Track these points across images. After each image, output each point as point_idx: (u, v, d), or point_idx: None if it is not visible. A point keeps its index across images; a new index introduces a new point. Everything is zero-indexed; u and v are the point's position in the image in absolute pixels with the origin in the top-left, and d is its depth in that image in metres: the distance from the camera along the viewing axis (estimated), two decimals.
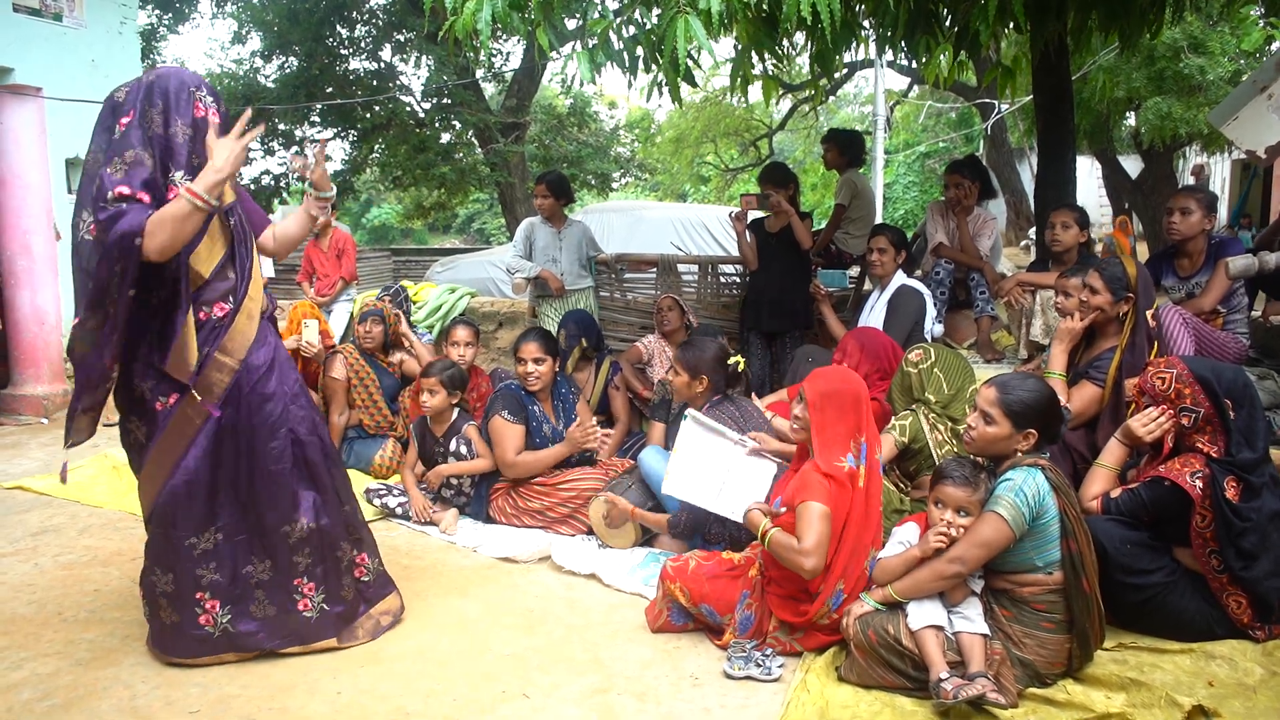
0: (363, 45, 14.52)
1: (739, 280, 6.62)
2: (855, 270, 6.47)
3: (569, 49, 4.19)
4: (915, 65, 8.41)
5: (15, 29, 6.72)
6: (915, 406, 3.99)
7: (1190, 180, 16.36)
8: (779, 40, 4.38)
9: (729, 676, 3.04)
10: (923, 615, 2.87)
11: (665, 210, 12.17)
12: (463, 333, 5.41)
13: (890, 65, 16.43)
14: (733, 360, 4.10)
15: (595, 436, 4.47)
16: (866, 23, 5.07)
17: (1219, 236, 4.78)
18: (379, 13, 14.32)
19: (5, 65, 6.68)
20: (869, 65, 16.82)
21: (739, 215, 5.78)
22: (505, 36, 13.91)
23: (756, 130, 21.01)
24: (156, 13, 14.21)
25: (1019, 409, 2.96)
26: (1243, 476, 3.04)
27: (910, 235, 6.07)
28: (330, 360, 5.56)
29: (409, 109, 14.57)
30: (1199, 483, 3.05)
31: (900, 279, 5.12)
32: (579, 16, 4.30)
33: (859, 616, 2.96)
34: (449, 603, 3.64)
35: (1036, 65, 5.71)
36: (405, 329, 5.94)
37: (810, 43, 4.63)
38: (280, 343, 3.21)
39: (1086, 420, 3.82)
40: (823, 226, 6.84)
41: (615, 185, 19.68)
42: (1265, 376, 4.40)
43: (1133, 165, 14.77)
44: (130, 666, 3.10)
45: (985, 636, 2.85)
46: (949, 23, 4.77)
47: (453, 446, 4.67)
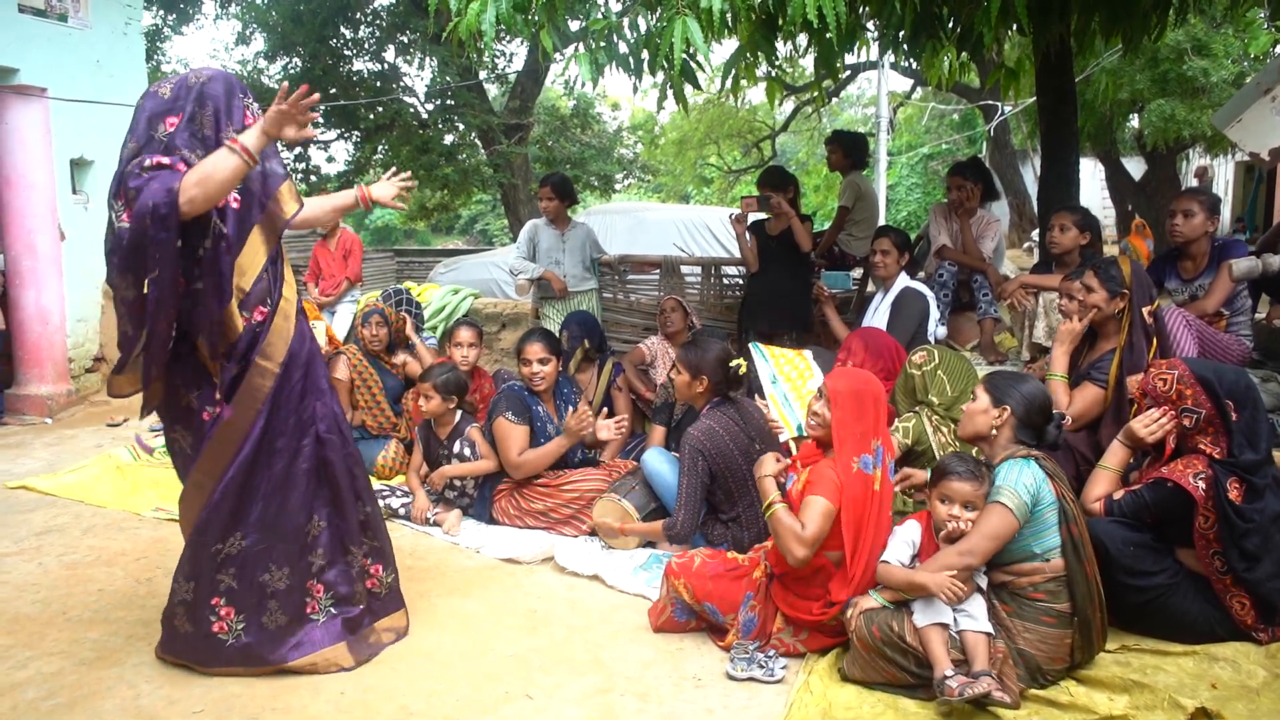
0: (366, 46, 14.54)
1: (742, 282, 6.62)
2: (859, 272, 6.48)
3: (572, 50, 4.20)
4: (918, 67, 8.41)
5: (20, 29, 6.73)
6: (918, 408, 3.99)
7: (1193, 182, 16.35)
8: (782, 42, 4.38)
9: (731, 678, 3.05)
10: (929, 613, 2.87)
11: (668, 212, 12.17)
12: (465, 334, 5.42)
13: (893, 67, 16.43)
14: (734, 363, 4.11)
15: (603, 426, 4.47)
16: (870, 25, 5.08)
17: (1222, 239, 4.78)
18: (382, 14, 14.34)
19: (10, 65, 6.70)
20: (872, 67, 16.81)
21: (739, 218, 5.79)
22: (509, 38, 13.92)
23: (759, 132, 21.00)
24: (161, 13, 14.23)
25: (998, 386, 3.17)
26: (1245, 478, 3.05)
27: (913, 237, 6.08)
28: (333, 361, 5.57)
29: (412, 110, 14.59)
30: (1202, 484, 3.05)
31: (904, 281, 5.13)
32: (582, 18, 4.31)
33: (864, 611, 2.96)
34: (452, 603, 3.64)
35: (1039, 67, 5.71)
36: (412, 332, 5.92)
37: (814, 45, 4.63)
38: (313, 334, 3.20)
39: (1089, 422, 3.82)
40: (825, 229, 6.85)
41: (618, 187, 19.70)
42: (1268, 379, 4.40)
43: (1136, 167, 14.77)
44: (134, 666, 3.11)
45: (989, 635, 2.86)
46: (952, 24, 4.77)
47: (456, 448, 4.68)
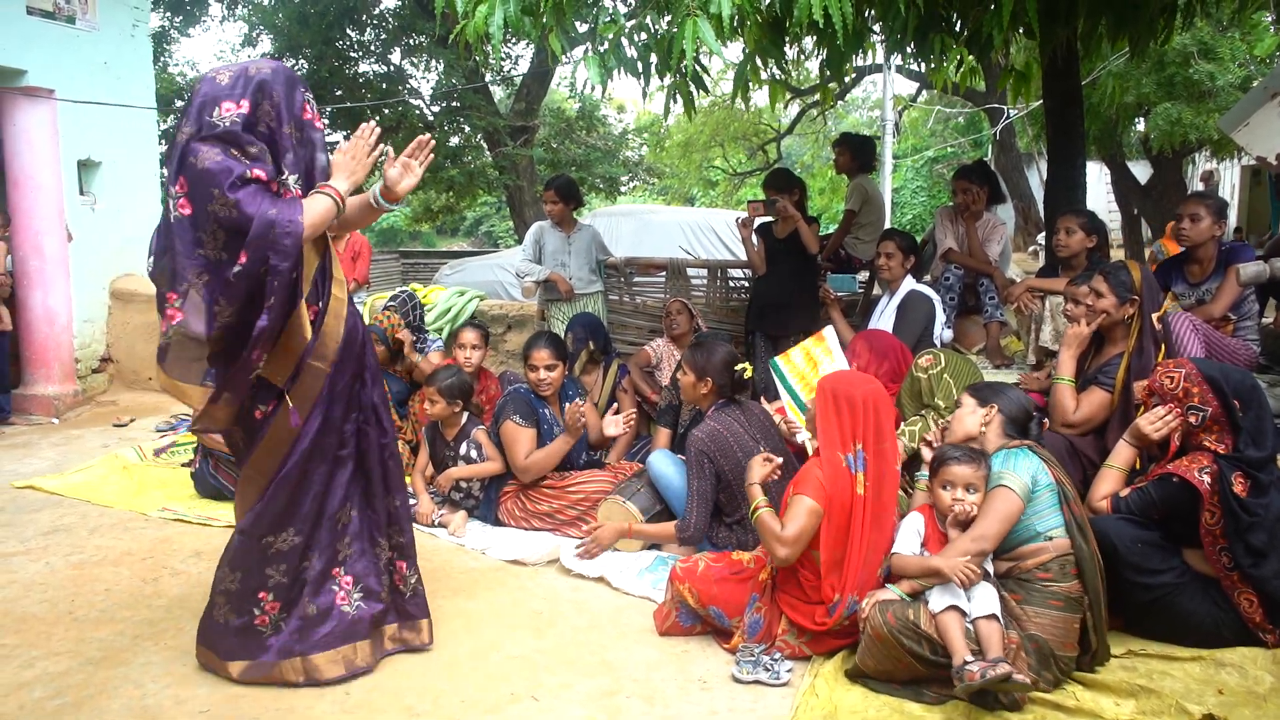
0: (372, 49, 14.57)
1: (748, 284, 6.62)
2: (865, 275, 6.47)
3: (580, 53, 4.20)
4: (924, 70, 8.41)
5: (28, 31, 6.75)
6: (925, 412, 3.99)
7: (1199, 186, 16.32)
8: (789, 44, 4.38)
9: (737, 680, 3.05)
10: (945, 598, 2.87)
11: (673, 214, 12.18)
12: (470, 336, 5.42)
13: (899, 70, 16.44)
14: (740, 367, 4.10)
15: (584, 414, 4.41)
16: (876, 27, 5.07)
17: (1229, 243, 4.77)
18: (389, 16, 14.37)
19: (18, 67, 6.72)
20: (877, 70, 16.81)
21: (745, 221, 5.79)
22: (515, 40, 13.94)
23: (765, 134, 21.01)
24: (168, 15, 14.28)
25: (980, 389, 3.35)
26: (1250, 473, 3.08)
27: (919, 240, 6.07)
28: None
29: (418, 112, 14.61)
30: (1207, 478, 3.08)
31: (910, 284, 5.12)
32: (590, 21, 4.31)
33: (877, 603, 2.95)
34: (457, 604, 3.64)
35: (1046, 70, 5.70)
36: (411, 352, 5.76)
37: (820, 47, 4.63)
38: (361, 320, 3.16)
39: (1095, 426, 3.82)
40: (831, 231, 6.84)
41: (623, 189, 19.70)
42: (1276, 383, 4.40)
43: (1142, 171, 14.75)
44: (141, 666, 3.11)
45: (999, 622, 2.85)
46: (959, 27, 4.77)
47: (462, 450, 4.68)
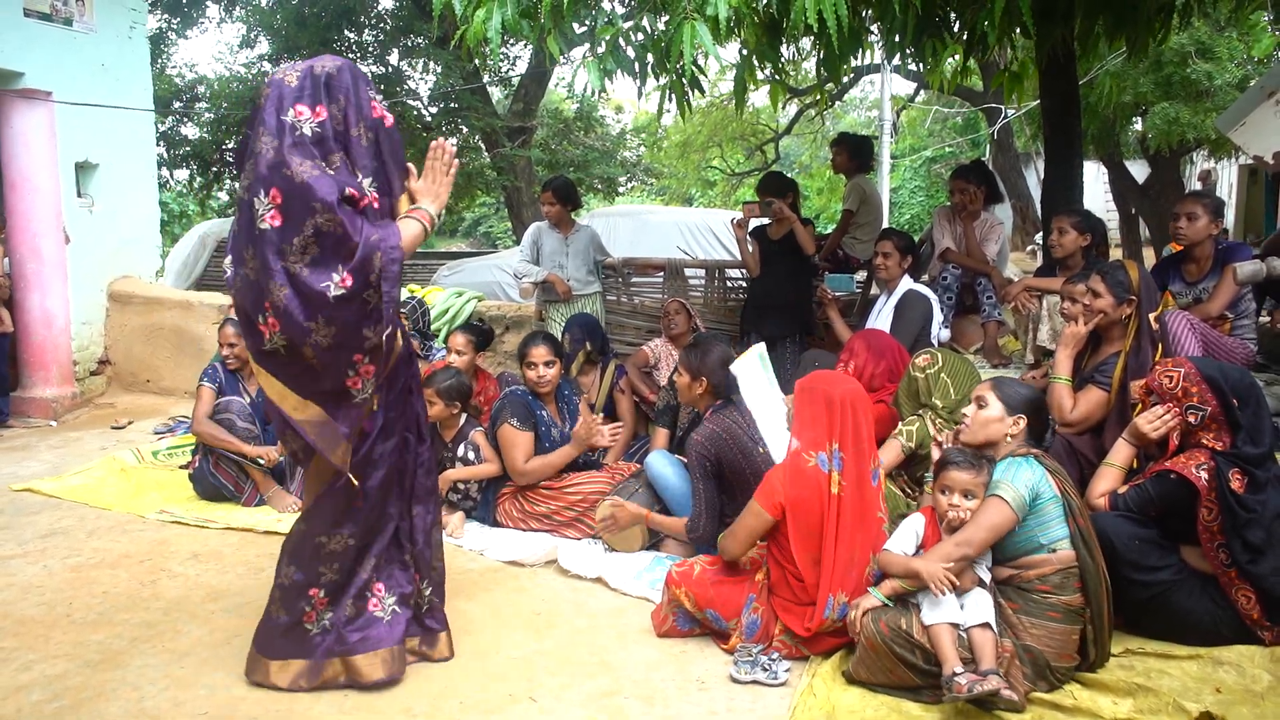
0: (370, 50, 14.55)
1: (746, 285, 6.63)
2: (862, 275, 6.48)
3: (578, 54, 4.21)
4: (921, 70, 8.41)
5: (26, 33, 6.75)
6: (922, 412, 3.99)
7: (1197, 186, 16.32)
8: (786, 45, 4.39)
9: (735, 680, 3.05)
10: (936, 611, 2.87)
11: (671, 214, 12.18)
12: (458, 340, 5.45)
13: (896, 70, 16.43)
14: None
15: (601, 433, 4.48)
16: (874, 28, 5.08)
17: (1226, 242, 4.78)
18: (387, 17, 14.36)
19: (15, 69, 6.72)
20: (875, 70, 16.81)
21: (740, 223, 5.80)
22: (513, 41, 13.94)
23: (763, 135, 20.99)
24: (165, 17, 14.26)
25: (1011, 395, 3.21)
26: (1247, 469, 3.09)
27: (916, 240, 6.08)
28: None
29: (416, 113, 14.59)
30: (1204, 474, 3.09)
31: (907, 284, 5.13)
32: (588, 23, 4.32)
33: (869, 611, 2.96)
34: (455, 606, 3.63)
35: (1043, 70, 5.71)
36: (415, 346, 5.89)
37: (817, 48, 4.64)
38: (408, 338, 3.17)
39: (1093, 425, 3.82)
40: (828, 231, 6.84)
41: (621, 189, 19.68)
42: (1273, 382, 4.40)
43: (1139, 170, 14.75)
44: (138, 668, 3.11)
45: (994, 632, 2.86)
46: (956, 27, 4.77)
47: (460, 452, 4.69)
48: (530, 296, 6.99)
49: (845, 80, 15.03)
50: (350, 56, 14.23)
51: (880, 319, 5.12)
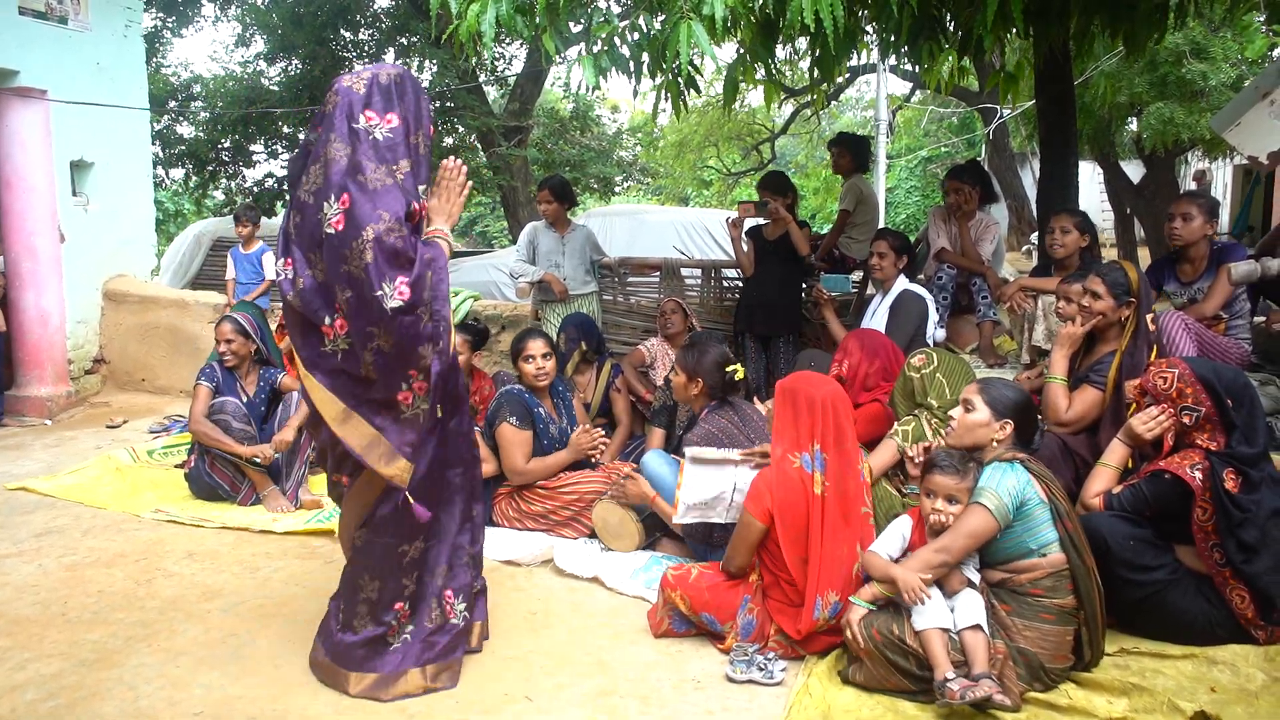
0: (366, 49, 14.53)
1: (742, 284, 6.63)
2: (858, 275, 6.49)
3: (574, 53, 4.21)
4: (917, 70, 8.42)
5: (21, 31, 6.74)
6: (918, 412, 3.99)
7: (1192, 186, 16.36)
8: (781, 44, 4.39)
9: (731, 680, 3.05)
10: (928, 616, 2.88)
11: (667, 214, 12.19)
12: (454, 339, 5.42)
13: (892, 70, 16.46)
14: (730, 368, 4.11)
15: (600, 446, 4.50)
16: (869, 28, 5.08)
17: (1220, 242, 4.79)
18: (382, 16, 14.34)
19: (11, 68, 6.71)
20: (871, 70, 16.83)
21: (735, 222, 5.81)
22: (509, 40, 13.94)
23: (759, 134, 21.00)
24: (161, 16, 14.24)
25: (998, 398, 3.19)
26: (1241, 469, 3.10)
27: (912, 239, 6.08)
28: None
29: None
30: (1199, 474, 3.10)
31: (902, 284, 5.13)
32: (584, 21, 4.31)
33: (860, 620, 2.97)
34: None
35: (1039, 71, 5.72)
36: None
37: (812, 48, 4.64)
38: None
39: (1088, 424, 3.83)
40: (825, 231, 6.85)
41: (617, 189, 19.70)
42: (1267, 382, 4.41)
43: (1135, 170, 14.76)
44: (134, 667, 3.11)
45: (985, 634, 2.87)
46: (952, 28, 4.78)
47: None
48: (526, 296, 6.99)
49: (841, 80, 15.05)
50: (346, 56, 14.25)
51: (875, 319, 5.13)
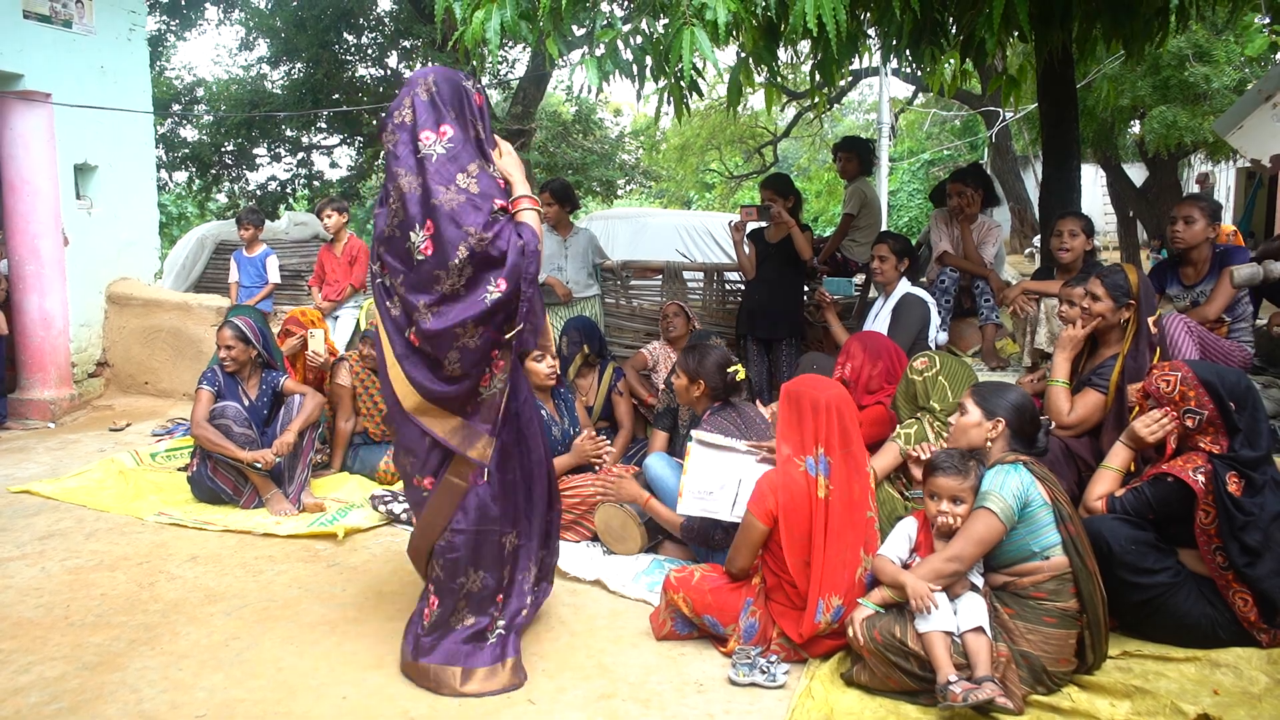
0: (369, 52, 14.57)
1: (744, 287, 6.64)
2: (861, 278, 6.50)
3: (577, 56, 4.22)
4: (920, 73, 8.42)
5: (25, 35, 6.76)
6: (920, 415, 3.99)
7: (1195, 188, 16.34)
8: (784, 48, 4.39)
9: (733, 683, 3.05)
10: (931, 619, 2.88)
11: (670, 217, 12.22)
12: None
13: (895, 73, 16.47)
14: (732, 369, 4.11)
15: (603, 452, 4.50)
16: (871, 31, 5.09)
17: (1223, 245, 4.79)
18: (385, 20, 14.38)
19: (15, 71, 6.72)
20: (874, 73, 16.85)
21: (738, 225, 5.82)
22: (512, 44, 13.95)
23: (761, 137, 21.02)
24: (164, 19, 14.28)
25: (988, 398, 3.25)
26: (1244, 472, 3.09)
27: (914, 243, 6.09)
28: (336, 367, 5.61)
29: None
30: (1201, 477, 3.09)
31: (905, 287, 5.13)
32: (587, 25, 4.32)
33: (863, 620, 2.97)
34: None
35: (1041, 74, 5.72)
36: None
37: (814, 52, 4.65)
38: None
39: (1090, 427, 3.83)
40: (827, 234, 6.86)
41: (620, 192, 19.71)
42: (1270, 385, 4.42)
43: (1137, 173, 14.78)
44: (137, 670, 3.11)
45: (988, 636, 2.87)
46: (955, 31, 4.78)
47: None
48: None
49: (844, 83, 15.06)
50: (348, 59, 14.29)
51: (878, 322, 5.13)
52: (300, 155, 14.58)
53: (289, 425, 4.91)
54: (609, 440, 4.73)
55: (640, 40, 4.06)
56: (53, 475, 5.50)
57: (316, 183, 15.01)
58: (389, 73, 14.86)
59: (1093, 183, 17.70)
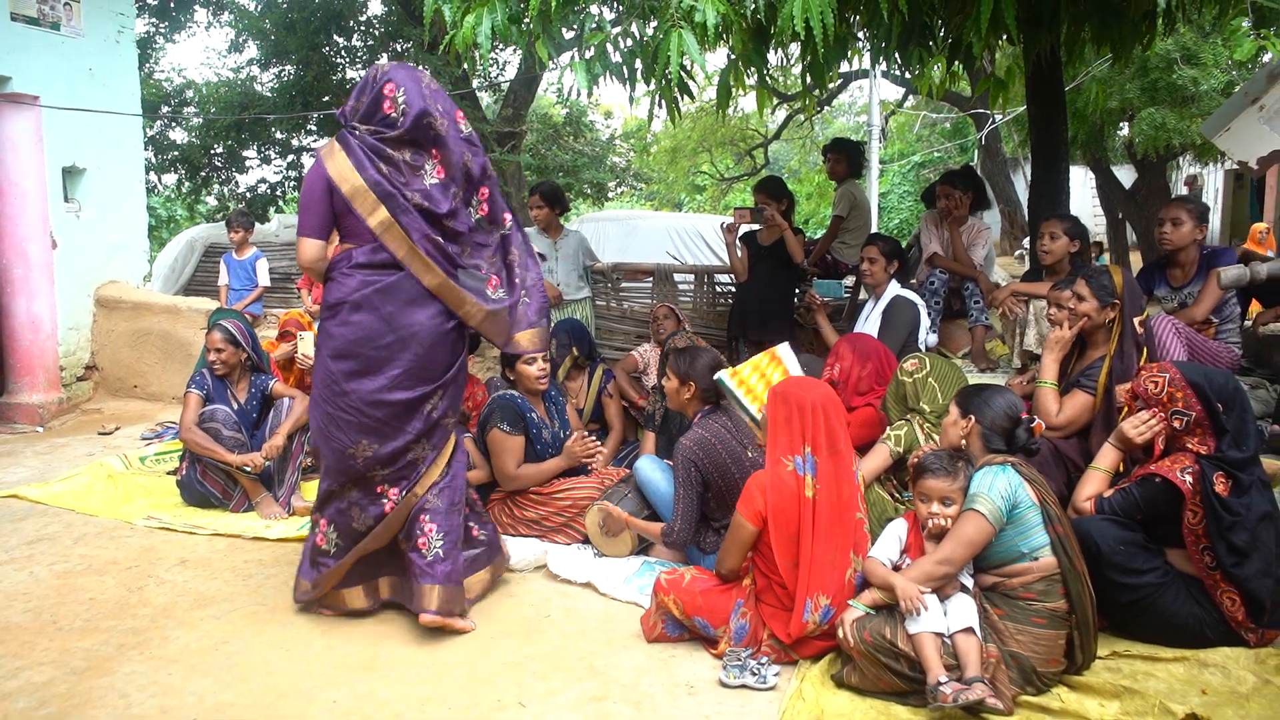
0: (359, 55, 14.53)
1: (735, 289, 6.64)
2: (851, 280, 6.51)
3: (567, 58, 4.22)
4: (909, 76, 8.44)
5: (13, 37, 6.72)
6: (910, 416, 4.01)
7: (1183, 190, 16.44)
8: (773, 51, 4.40)
9: (724, 685, 3.05)
10: (920, 621, 2.89)
11: (661, 219, 12.23)
12: None
13: (885, 75, 16.50)
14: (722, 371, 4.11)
15: (594, 454, 4.50)
16: (860, 34, 5.10)
17: (1210, 246, 4.82)
18: (375, 23, 14.34)
19: (3, 74, 6.68)
20: (863, 76, 16.88)
21: (730, 227, 5.83)
22: (503, 47, 13.95)
23: (752, 140, 21.04)
24: (153, 21, 14.22)
25: (968, 397, 3.31)
26: (1231, 473, 3.11)
27: (904, 245, 6.11)
28: None
29: None
30: (1189, 478, 3.11)
31: (895, 289, 5.15)
32: (576, 28, 4.32)
33: (854, 621, 2.98)
34: None
35: (1030, 76, 5.75)
36: None
37: (804, 54, 4.66)
38: None
39: (1079, 428, 3.85)
40: (818, 237, 6.87)
41: (611, 195, 19.71)
42: (1258, 385, 4.44)
43: (1126, 175, 14.82)
44: (126, 675, 3.10)
45: (978, 637, 2.88)
46: (942, 34, 4.80)
47: None
48: None
49: (833, 86, 15.10)
50: (339, 62, 14.25)
51: (868, 325, 5.15)
52: (290, 158, 14.51)
53: (278, 428, 4.90)
54: (600, 442, 4.72)
55: (630, 43, 4.07)
56: (41, 479, 5.47)
57: None
58: None
59: (1082, 185, 17.75)
